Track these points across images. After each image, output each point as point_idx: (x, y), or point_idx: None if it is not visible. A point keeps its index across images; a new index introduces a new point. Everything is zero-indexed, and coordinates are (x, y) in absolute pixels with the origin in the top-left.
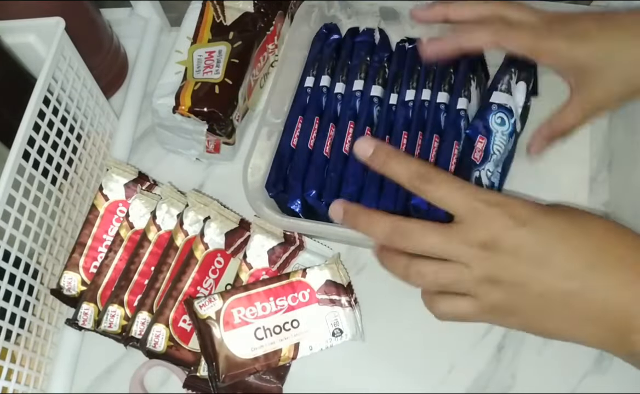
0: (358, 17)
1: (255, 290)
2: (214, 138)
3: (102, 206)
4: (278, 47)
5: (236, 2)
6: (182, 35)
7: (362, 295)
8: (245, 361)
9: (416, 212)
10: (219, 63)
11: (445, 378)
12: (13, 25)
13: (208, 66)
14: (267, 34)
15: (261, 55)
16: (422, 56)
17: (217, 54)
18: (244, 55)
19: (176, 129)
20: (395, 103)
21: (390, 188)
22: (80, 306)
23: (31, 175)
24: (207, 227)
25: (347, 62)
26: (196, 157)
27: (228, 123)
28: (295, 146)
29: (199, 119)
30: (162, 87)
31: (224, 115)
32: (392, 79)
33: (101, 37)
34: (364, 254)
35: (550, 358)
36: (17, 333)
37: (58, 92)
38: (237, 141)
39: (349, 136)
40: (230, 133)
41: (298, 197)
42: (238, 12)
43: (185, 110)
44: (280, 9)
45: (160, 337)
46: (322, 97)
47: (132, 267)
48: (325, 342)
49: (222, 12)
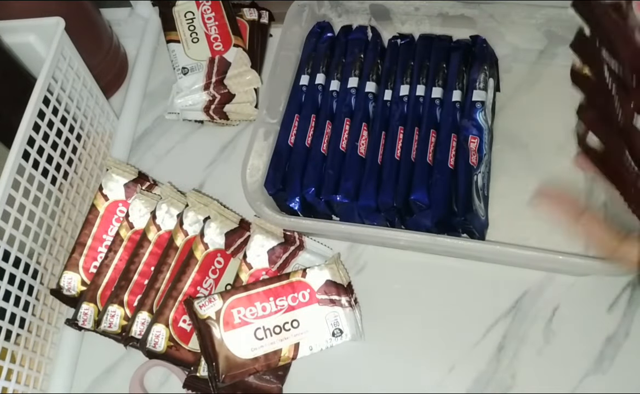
0: (348, 16)
1: (255, 290)
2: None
3: (102, 206)
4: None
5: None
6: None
7: (362, 295)
8: (245, 361)
9: (417, 208)
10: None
11: (445, 378)
12: (13, 25)
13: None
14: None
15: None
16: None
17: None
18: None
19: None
20: (390, 99)
21: (389, 184)
22: (80, 306)
23: (31, 175)
24: (207, 227)
25: (341, 60)
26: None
27: None
28: (292, 144)
29: None
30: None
31: None
32: (385, 75)
33: (101, 37)
34: (364, 254)
35: (550, 358)
36: (17, 333)
37: (58, 92)
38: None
39: (346, 133)
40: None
41: (297, 194)
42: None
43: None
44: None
45: (160, 337)
46: (318, 95)
47: (132, 267)
48: (325, 342)
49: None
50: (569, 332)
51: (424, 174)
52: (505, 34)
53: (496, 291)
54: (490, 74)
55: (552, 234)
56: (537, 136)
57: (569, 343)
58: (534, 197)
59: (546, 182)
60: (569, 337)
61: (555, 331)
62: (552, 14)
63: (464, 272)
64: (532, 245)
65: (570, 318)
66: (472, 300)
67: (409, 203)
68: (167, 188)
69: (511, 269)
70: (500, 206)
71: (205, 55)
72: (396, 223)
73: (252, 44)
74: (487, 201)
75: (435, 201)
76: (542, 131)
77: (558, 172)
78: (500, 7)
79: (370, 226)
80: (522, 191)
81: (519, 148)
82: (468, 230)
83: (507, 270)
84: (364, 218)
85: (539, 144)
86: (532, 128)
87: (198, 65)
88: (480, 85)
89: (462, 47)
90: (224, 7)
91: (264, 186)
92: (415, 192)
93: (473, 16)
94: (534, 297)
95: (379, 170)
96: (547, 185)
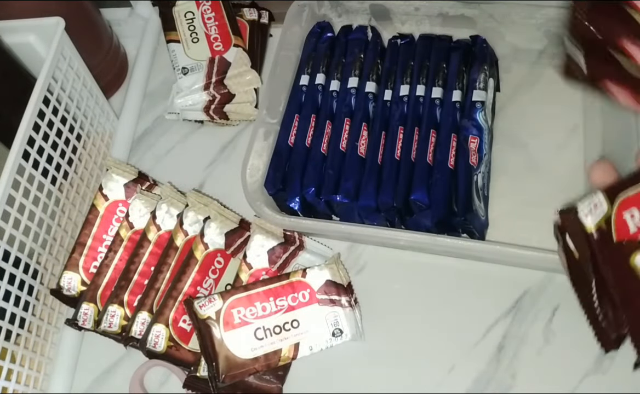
0: (348, 16)
1: (255, 290)
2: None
3: (102, 206)
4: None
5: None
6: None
7: (362, 295)
8: (245, 361)
9: (417, 208)
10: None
11: (445, 378)
12: (13, 25)
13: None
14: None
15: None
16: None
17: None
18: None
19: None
20: (390, 99)
21: (389, 183)
22: (80, 306)
23: (31, 175)
24: (207, 227)
25: (341, 60)
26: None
27: None
28: (292, 144)
29: None
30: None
31: None
32: (385, 75)
33: (101, 37)
34: (364, 254)
35: (550, 358)
36: (17, 333)
37: (58, 92)
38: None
39: (346, 133)
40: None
41: (297, 194)
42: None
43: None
44: None
45: (160, 337)
46: (318, 95)
47: (132, 267)
48: (325, 342)
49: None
50: (569, 332)
51: (424, 174)
52: (505, 34)
53: (496, 291)
54: (490, 74)
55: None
56: (537, 136)
57: (569, 343)
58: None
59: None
60: (569, 337)
61: (555, 331)
62: (552, 14)
63: (464, 272)
64: (532, 245)
65: (570, 318)
66: (472, 300)
67: (409, 203)
68: (167, 188)
69: (511, 269)
70: (500, 206)
71: (205, 55)
72: (396, 223)
73: (252, 44)
74: (487, 201)
75: (435, 201)
76: (542, 131)
77: (558, 171)
78: (500, 7)
79: (370, 226)
80: (522, 191)
81: (519, 148)
82: (468, 230)
83: (507, 270)
84: (364, 218)
85: (539, 144)
86: (532, 128)
87: (198, 65)
88: (480, 85)
89: (462, 47)
90: (224, 7)
91: (264, 186)
92: (415, 192)
93: (473, 16)
94: (534, 297)
95: (379, 170)
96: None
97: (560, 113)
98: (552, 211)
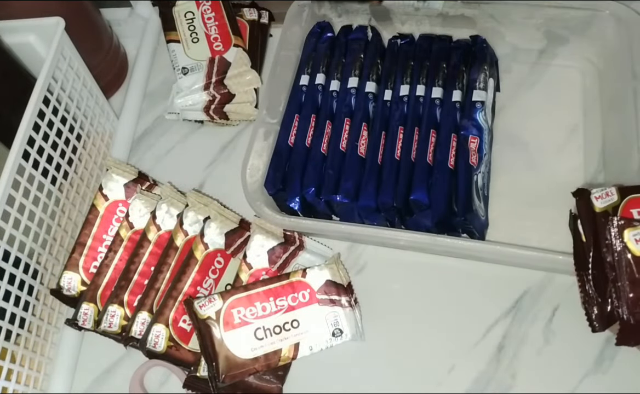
0: (348, 16)
1: (255, 290)
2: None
3: (102, 206)
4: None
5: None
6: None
7: (362, 295)
8: (245, 361)
9: (417, 208)
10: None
11: (445, 378)
12: (13, 25)
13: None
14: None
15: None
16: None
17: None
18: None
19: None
20: (390, 99)
21: (389, 183)
22: (80, 306)
23: (31, 175)
24: (207, 227)
25: (341, 60)
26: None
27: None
28: (292, 144)
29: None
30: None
31: None
32: (385, 75)
33: (101, 37)
34: (364, 254)
35: (550, 358)
36: (17, 333)
37: (58, 92)
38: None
39: (346, 133)
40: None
41: (297, 194)
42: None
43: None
44: None
45: (160, 337)
46: (318, 95)
47: (132, 267)
48: (325, 342)
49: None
50: (569, 332)
51: (424, 174)
52: (505, 34)
53: (496, 291)
54: (490, 74)
55: (552, 234)
56: (537, 136)
57: (569, 343)
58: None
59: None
60: (569, 337)
61: (555, 331)
62: (552, 14)
63: (464, 272)
64: (532, 245)
65: (570, 318)
66: (472, 300)
67: (409, 203)
68: (167, 188)
69: (511, 269)
70: (500, 206)
71: (205, 55)
72: (396, 223)
73: (252, 44)
74: (487, 201)
75: (435, 202)
76: (542, 131)
77: (558, 172)
78: (500, 7)
79: (370, 226)
80: (522, 191)
81: (519, 148)
82: (468, 230)
83: (507, 270)
84: (364, 218)
85: (539, 144)
86: (532, 128)
87: (198, 65)
88: (480, 85)
89: (462, 47)
90: (224, 7)
91: (264, 186)
92: (415, 192)
93: (473, 16)
94: (534, 297)
95: (379, 170)
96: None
97: (560, 113)
98: (552, 211)
